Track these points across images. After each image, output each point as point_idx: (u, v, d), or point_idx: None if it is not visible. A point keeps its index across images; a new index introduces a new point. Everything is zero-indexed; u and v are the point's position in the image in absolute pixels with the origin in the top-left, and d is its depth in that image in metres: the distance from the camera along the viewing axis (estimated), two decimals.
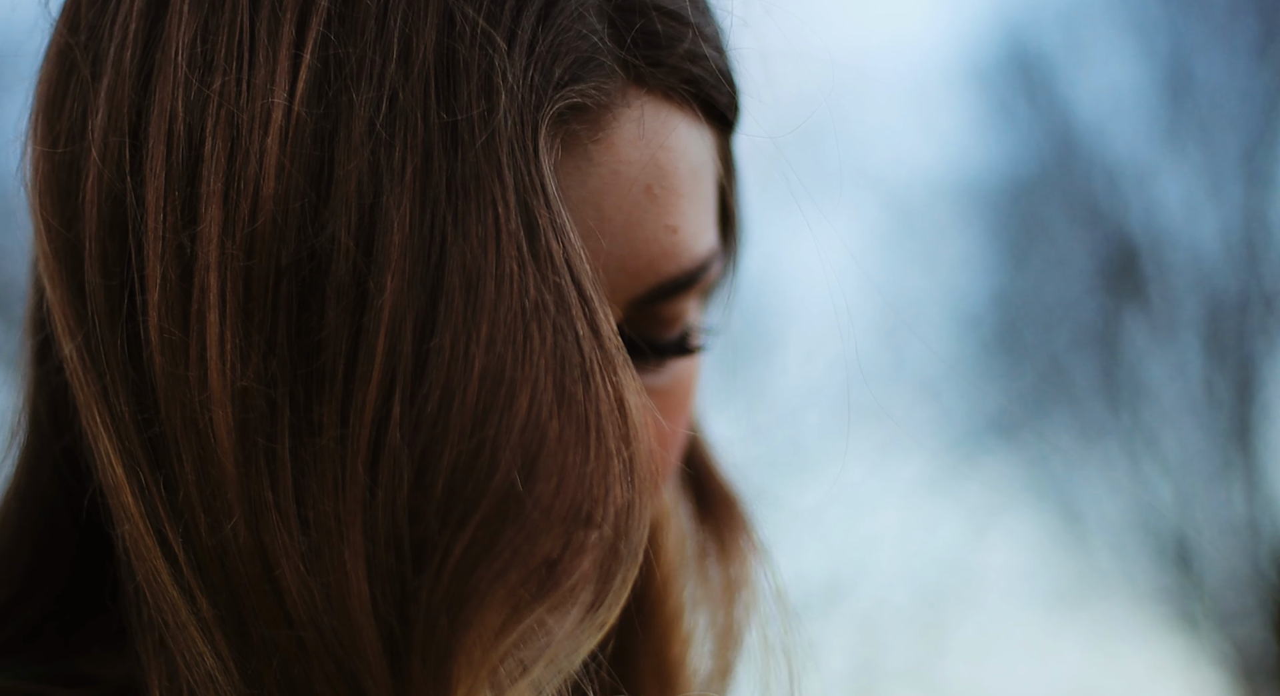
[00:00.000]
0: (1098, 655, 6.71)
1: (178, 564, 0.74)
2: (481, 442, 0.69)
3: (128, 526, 0.76)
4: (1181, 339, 6.53)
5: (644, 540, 0.72)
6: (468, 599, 0.69)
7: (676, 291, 0.81)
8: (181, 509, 0.74)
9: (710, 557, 0.97)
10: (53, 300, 0.79)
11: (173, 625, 0.75)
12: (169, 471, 0.74)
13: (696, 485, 0.98)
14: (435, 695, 0.69)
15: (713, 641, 0.95)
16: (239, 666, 0.73)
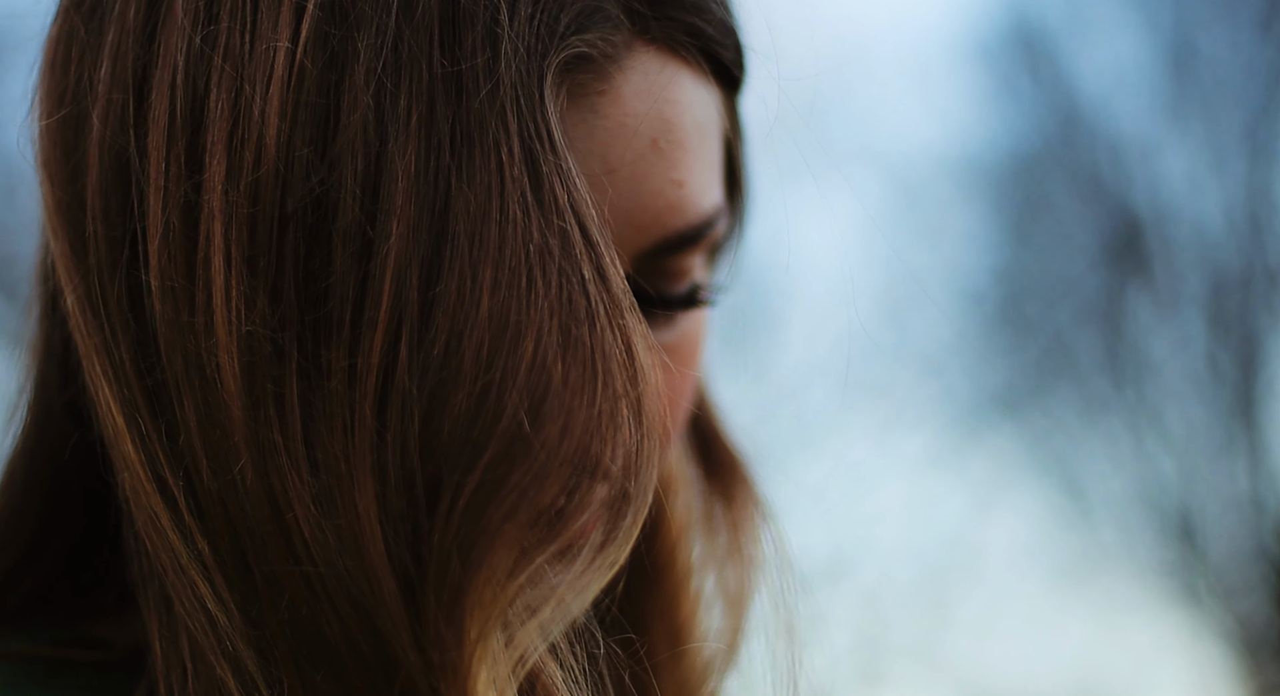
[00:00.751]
0: (1101, 630, 6.73)
1: (178, 510, 0.75)
2: (488, 386, 0.70)
3: (127, 474, 0.77)
4: (1185, 314, 6.53)
5: (653, 481, 0.73)
6: (478, 539, 0.70)
7: (683, 246, 0.82)
8: (183, 454, 0.75)
9: (717, 519, 0.97)
10: (56, 253, 0.80)
11: (172, 572, 0.76)
12: (170, 417, 0.75)
13: (703, 446, 0.99)
14: (450, 634, 0.70)
15: (721, 602, 0.95)
16: (241, 609, 0.74)
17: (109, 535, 0.86)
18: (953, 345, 6.84)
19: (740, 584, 0.95)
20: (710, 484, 0.99)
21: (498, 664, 0.70)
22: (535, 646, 0.71)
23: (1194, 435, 6.50)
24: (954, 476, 6.72)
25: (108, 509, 0.85)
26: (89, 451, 0.84)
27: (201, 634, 0.76)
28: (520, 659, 0.71)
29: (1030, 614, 6.89)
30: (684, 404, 0.88)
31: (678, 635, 0.97)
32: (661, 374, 0.83)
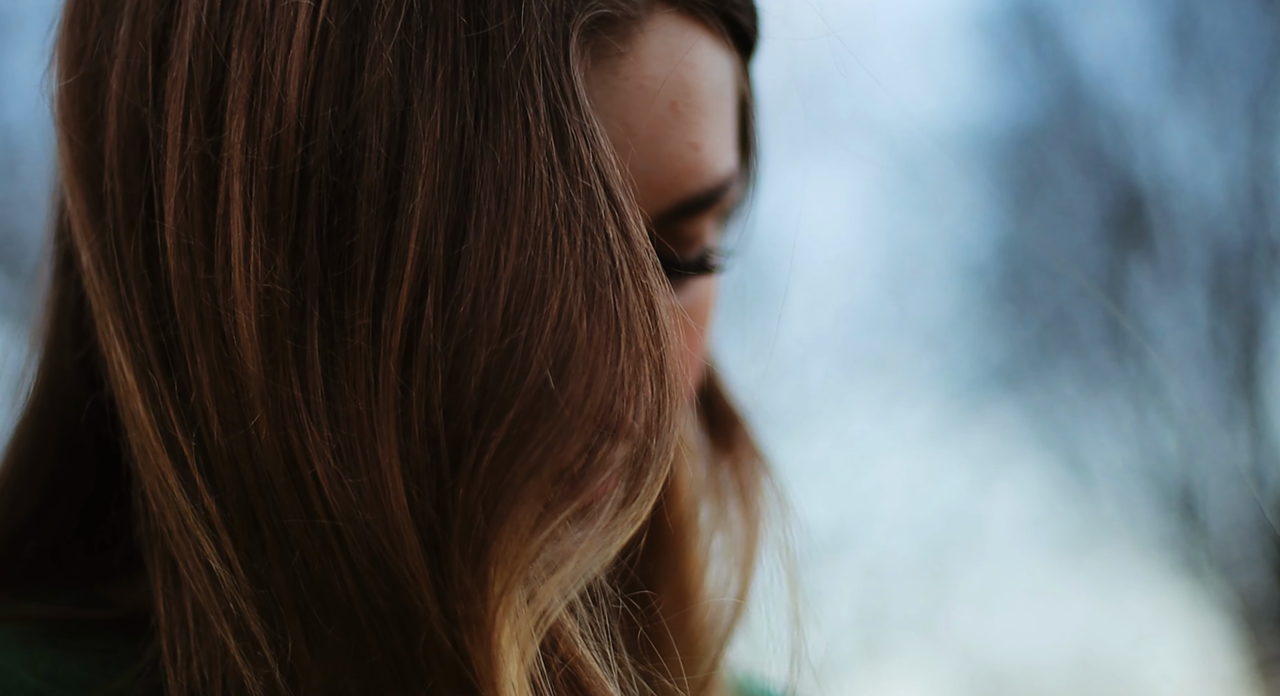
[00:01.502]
0: (1103, 602, 6.74)
1: (186, 468, 0.76)
2: (514, 343, 0.71)
3: (136, 433, 0.78)
4: (1186, 287, 6.53)
5: (674, 439, 0.74)
6: (503, 494, 0.70)
7: (698, 209, 0.83)
8: (194, 412, 0.75)
9: (721, 474, 0.98)
10: (73, 211, 0.81)
11: (177, 532, 0.77)
12: (182, 375, 0.75)
13: (705, 403, 0.99)
14: (474, 587, 0.70)
15: (729, 556, 0.96)
16: (246, 567, 0.75)
17: (118, 495, 0.86)
18: (954, 319, 6.84)
19: (746, 537, 0.96)
20: (713, 440, 1.00)
21: (520, 618, 0.71)
22: (557, 602, 0.72)
23: (1195, 408, 6.50)
24: (955, 450, 6.72)
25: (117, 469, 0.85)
26: (99, 411, 0.85)
27: (204, 594, 0.76)
28: (543, 614, 0.72)
29: (1032, 586, 6.90)
30: (696, 368, 0.89)
31: (687, 593, 0.97)
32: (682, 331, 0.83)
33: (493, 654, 0.70)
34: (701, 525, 0.98)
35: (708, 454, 0.99)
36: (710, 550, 0.97)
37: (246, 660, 0.76)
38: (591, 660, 0.74)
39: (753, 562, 0.95)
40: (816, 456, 6.05)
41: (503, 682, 0.71)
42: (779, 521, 0.93)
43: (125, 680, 0.82)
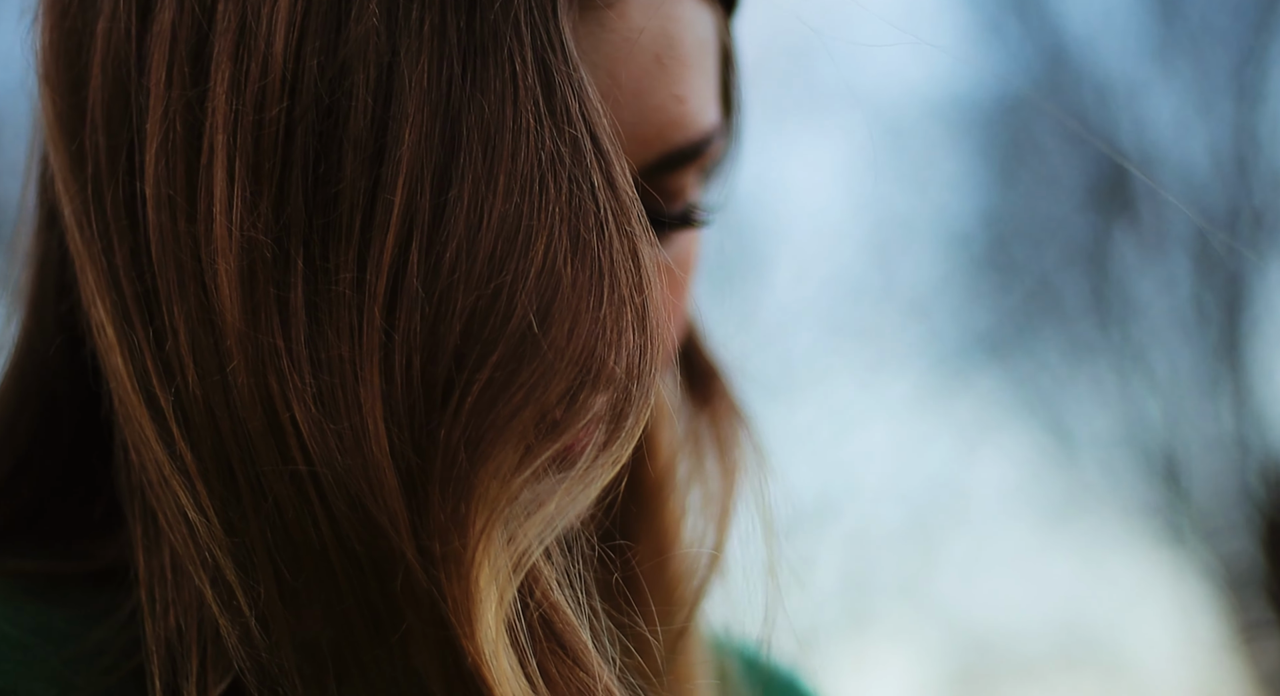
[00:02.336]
0: (1086, 569, 6.77)
1: (164, 419, 0.77)
2: (499, 288, 0.72)
3: (115, 385, 0.79)
4: (1170, 255, 6.54)
5: (655, 384, 0.75)
6: (484, 435, 0.71)
7: (683, 161, 0.84)
8: (170, 361, 0.76)
9: (699, 427, 0.99)
10: (55, 165, 0.82)
11: (156, 483, 0.78)
12: (159, 326, 0.76)
13: (683, 357, 1.00)
14: (452, 529, 0.71)
15: (706, 508, 0.98)
16: (221, 516, 0.76)
17: (99, 450, 0.87)
18: (939, 287, 6.85)
19: (723, 490, 0.97)
20: (692, 394, 1.01)
21: (499, 558, 0.72)
22: (537, 543, 0.73)
23: (1179, 376, 6.52)
24: (940, 417, 6.74)
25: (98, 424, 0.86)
26: (82, 365, 0.86)
27: (182, 544, 0.78)
28: (522, 555, 0.73)
29: (1016, 553, 6.93)
30: (679, 323, 0.91)
31: (664, 546, 0.99)
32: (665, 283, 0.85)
33: (470, 593, 0.71)
34: (680, 479, 0.99)
35: (686, 408, 1.00)
36: (688, 503, 0.99)
37: (223, 609, 0.77)
38: (566, 607, 0.76)
39: (729, 515, 0.96)
40: (801, 424, 6.06)
41: (479, 624, 0.72)
42: (755, 474, 0.95)
43: (105, 631, 0.82)
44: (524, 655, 0.74)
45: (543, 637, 0.75)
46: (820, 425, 6.34)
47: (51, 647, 0.82)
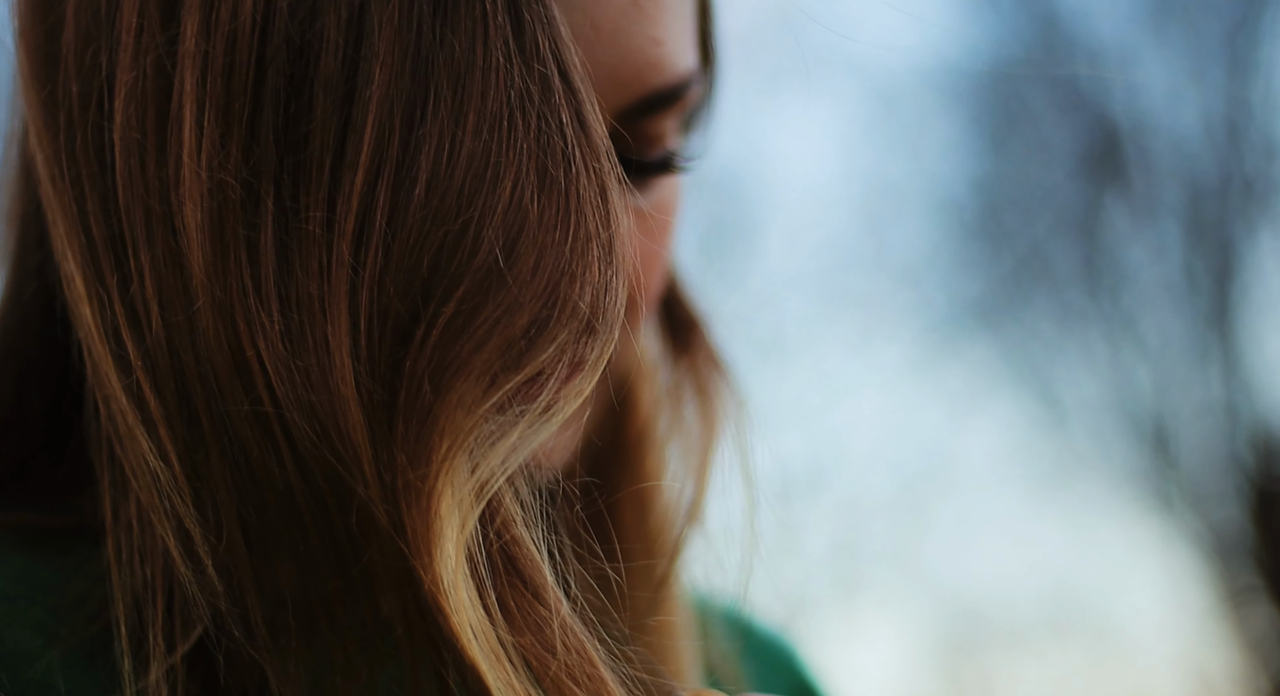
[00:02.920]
0: (1076, 536, 6.79)
1: (128, 365, 0.78)
2: (466, 223, 0.73)
3: (83, 334, 0.80)
4: (1162, 223, 6.54)
5: (619, 318, 0.76)
6: (450, 366, 0.73)
7: (661, 105, 0.85)
8: (135, 305, 0.77)
9: (679, 376, 1.00)
10: (29, 116, 0.84)
11: (122, 431, 0.79)
12: (126, 270, 0.78)
13: (664, 307, 1.02)
14: (418, 454, 0.72)
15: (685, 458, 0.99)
16: (184, 462, 0.77)
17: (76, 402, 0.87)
18: (930, 254, 6.85)
19: (703, 440, 0.98)
20: (673, 344, 1.02)
21: (462, 486, 0.73)
22: (498, 473, 0.74)
23: (1169, 344, 6.53)
24: (930, 385, 6.75)
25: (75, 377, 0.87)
26: (61, 318, 0.86)
27: (145, 493, 0.78)
28: (484, 484, 0.74)
29: (1005, 520, 6.95)
30: (660, 270, 0.91)
31: (644, 497, 1.00)
32: (635, 222, 0.87)
33: (430, 522, 0.72)
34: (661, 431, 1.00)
35: (667, 357, 1.00)
36: (669, 455, 1.00)
37: (184, 557, 0.78)
38: (530, 543, 0.76)
39: (709, 465, 0.97)
40: (791, 391, 6.07)
41: (438, 552, 0.72)
42: (736, 424, 0.95)
43: (86, 582, 0.83)
44: (483, 587, 0.74)
45: (503, 571, 0.75)
46: (810, 392, 6.35)
47: (37, 597, 0.83)
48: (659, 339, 1.02)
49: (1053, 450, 6.75)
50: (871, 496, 6.78)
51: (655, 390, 1.01)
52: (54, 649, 0.80)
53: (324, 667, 0.81)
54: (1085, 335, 6.65)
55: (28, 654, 0.79)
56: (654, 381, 1.01)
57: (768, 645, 1.17)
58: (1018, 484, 6.94)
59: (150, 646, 0.79)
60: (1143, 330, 6.56)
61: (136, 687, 0.78)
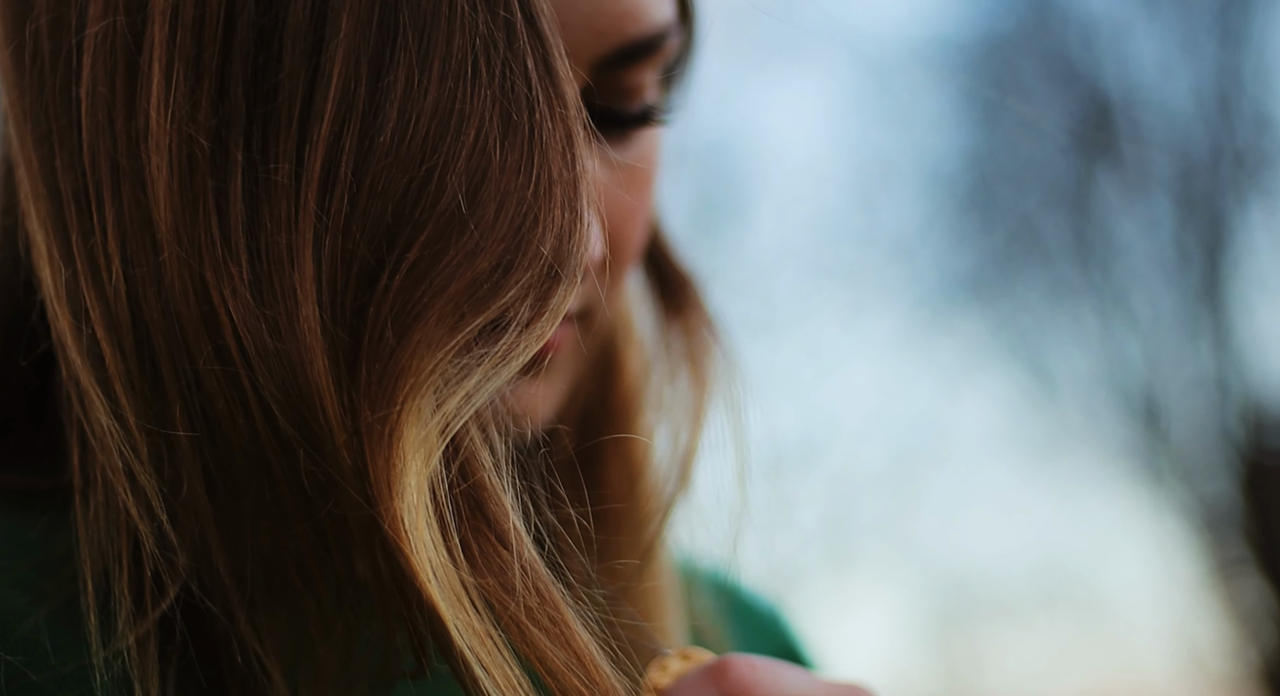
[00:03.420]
0: (1066, 509, 6.81)
1: (88, 320, 0.78)
2: (430, 170, 0.74)
3: (44, 293, 0.81)
4: (1153, 197, 6.55)
5: (581, 263, 0.77)
6: (413, 309, 0.74)
7: (639, 55, 0.85)
8: (96, 260, 0.78)
9: (671, 338, 1.00)
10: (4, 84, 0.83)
11: (85, 388, 0.79)
12: (88, 225, 0.79)
13: (654, 268, 1.02)
14: (381, 394, 0.73)
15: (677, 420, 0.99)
16: (141, 417, 0.78)
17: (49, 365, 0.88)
18: (921, 228, 6.85)
19: (695, 402, 0.98)
20: (663, 304, 1.02)
21: (424, 427, 0.74)
22: (461, 415, 0.75)
23: (1160, 317, 6.54)
24: (922, 359, 6.76)
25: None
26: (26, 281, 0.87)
27: (104, 452, 0.79)
28: (447, 425, 0.74)
29: (996, 493, 6.97)
30: (641, 224, 0.91)
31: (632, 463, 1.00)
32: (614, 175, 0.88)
33: (392, 462, 0.73)
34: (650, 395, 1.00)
35: (657, 318, 1.01)
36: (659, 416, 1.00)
37: (142, 515, 0.79)
38: (498, 489, 0.77)
39: (700, 427, 0.97)
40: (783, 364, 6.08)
41: (398, 492, 0.73)
42: (729, 385, 0.96)
43: (66, 543, 0.84)
44: (447, 529, 0.75)
45: (468, 514, 0.76)
46: (802, 366, 6.35)
47: (22, 556, 0.83)
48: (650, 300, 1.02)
49: (1043, 423, 6.77)
50: (862, 469, 6.79)
51: (641, 349, 1.01)
52: (41, 607, 0.81)
53: (300, 627, 0.82)
54: (1076, 308, 6.66)
55: (16, 612, 0.80)
56: (639, 340, 1.01)
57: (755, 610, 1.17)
58: (1008, 457, 6.96)
59: (117, 604, 0.80)
60: (1134, 303, 6.57)
61: (116, 647, 0.79)
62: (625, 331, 1.02)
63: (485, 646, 0.74)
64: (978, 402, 6.87)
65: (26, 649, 0.79)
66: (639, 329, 1.02)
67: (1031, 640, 6.86)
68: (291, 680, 0.81)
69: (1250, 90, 6.45)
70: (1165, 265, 6.55)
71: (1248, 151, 6.47)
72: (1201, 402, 6.46)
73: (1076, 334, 6.67)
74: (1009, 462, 6.97)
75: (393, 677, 0.84)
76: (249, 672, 0.80)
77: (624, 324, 1.02)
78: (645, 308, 1.02)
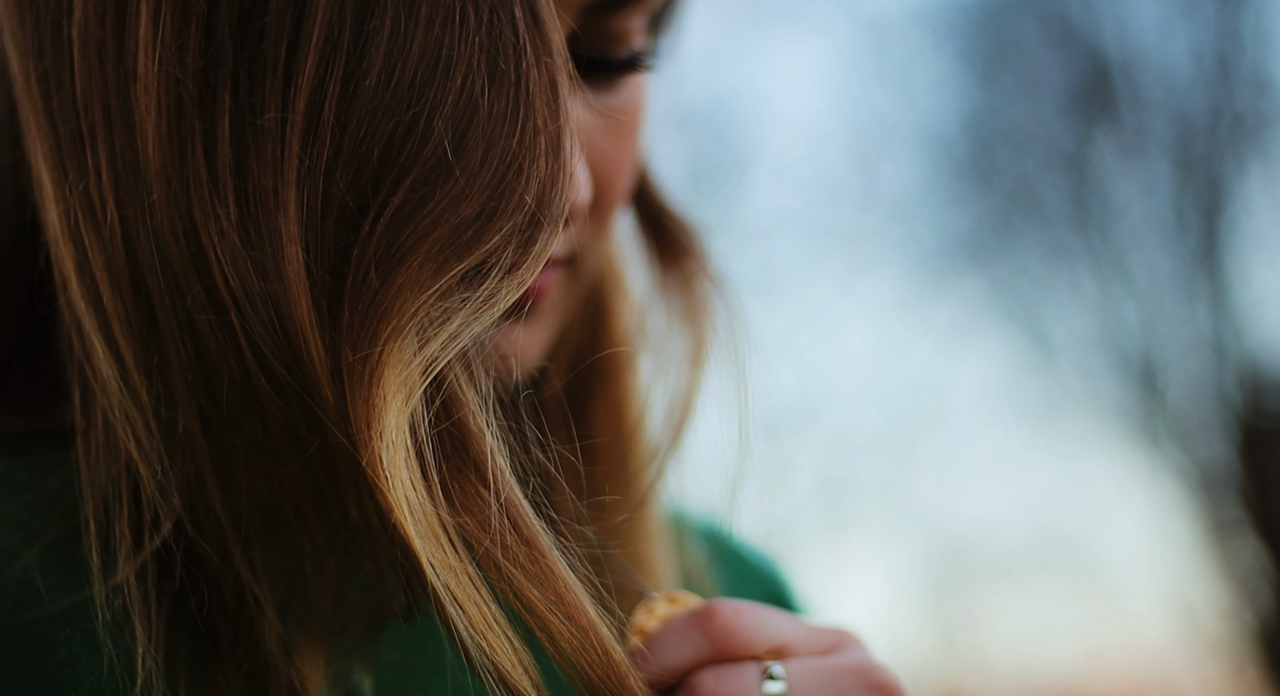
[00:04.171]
0: (1063, 471, 6.82)
1: (86, 260, 0.79)
2: (417, 115, 0.75)
3: (49, 234, 0.82)
4: (1151, 159, 6.54)
5: (564, 211, 0.78)
6: (397, 252, 0.75)
7: (625, 2, 0.86)
8: (93, 200, 0.79)
9: (669, 287, 1.00)
10: (4, 13, 0.84)
11: (87, 328, 0.80)
12: (84, 166, 0.79)
13: (649, 219, 1.02)
14: (364, 334, 0.74)
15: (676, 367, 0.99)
16: (139, 357, 0.79)
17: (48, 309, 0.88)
18: (920, 190, 6.84)
19: (693, 347, 0.98)
20: (660, 254, 1.02)
21: (408, 367, 0.75)
22: (443, 356, 0.76)
23: (1157, 280, 6.54)
24: (919, 321, 6.76)
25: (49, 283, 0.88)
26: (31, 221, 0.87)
27: (103, 392, 0.79)
28: (428, 366, 0.75)
29: (993, 456, 6.98)
30: (627, 171, 0.92)
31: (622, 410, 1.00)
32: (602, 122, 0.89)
33: (372, 401, 0.74)
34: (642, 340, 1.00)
35: (654, 266, 1.01)
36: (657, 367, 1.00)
37: (141, 453, 0.80)
38: (480, 429, 0.78)
39: (699, 376, 0.97)
40: (781, 327, 6.08)
41: (377, 429, 0.74)
42: (729, 336, 0.96)
43: (58, 482, 0.85)
44: (426, 468, 0.76)
45: (449, 454, 0.77)
46: (799, 328, 6.36)
47: (14, 496, 0.84)
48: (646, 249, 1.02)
49: (1040, 386, 6.78)
50: (859, 431, 6.80)
51: (631, 296, 1.01)
52: (33, 546, 0.81)
53: (294, 568, 0.83)
54: (1074, 271, 6.66)
55: (8, 551, 0.81)
56: (629, 287, 1.01)
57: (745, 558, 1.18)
58: (1005, 419, 6.97)
59: (116, 541, 0.81)
60: (1131, 266, 6.57)
61: (110, 585, 0.80)
62: (614, 278, 1.02)
63: (460, 583, 0.75)
64: (975, 365, 6.88)
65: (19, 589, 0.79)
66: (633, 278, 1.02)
67: (1027, 601, 6.89)
68: (284, 620, 0.82)
69: (1249, 52, 6.44)
70: (1163, 227, 6.54)
71: (1247, 113, 6.47)
72: (1198, 365, 6.46)
73: (1074, 296, 6.67)
74: (1006, 425, 6.99)
75: (384, 619, 0.85)
76: (242, 611, 0.81)
77: (613, 271, 1.02)
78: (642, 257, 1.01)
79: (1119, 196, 6.55)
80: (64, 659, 0.79)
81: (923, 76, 6.85)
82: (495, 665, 0.75)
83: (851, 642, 0.85)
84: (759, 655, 0.82)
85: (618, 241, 1.02)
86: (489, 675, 0.75)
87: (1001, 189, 6.77)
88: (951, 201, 6.84)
